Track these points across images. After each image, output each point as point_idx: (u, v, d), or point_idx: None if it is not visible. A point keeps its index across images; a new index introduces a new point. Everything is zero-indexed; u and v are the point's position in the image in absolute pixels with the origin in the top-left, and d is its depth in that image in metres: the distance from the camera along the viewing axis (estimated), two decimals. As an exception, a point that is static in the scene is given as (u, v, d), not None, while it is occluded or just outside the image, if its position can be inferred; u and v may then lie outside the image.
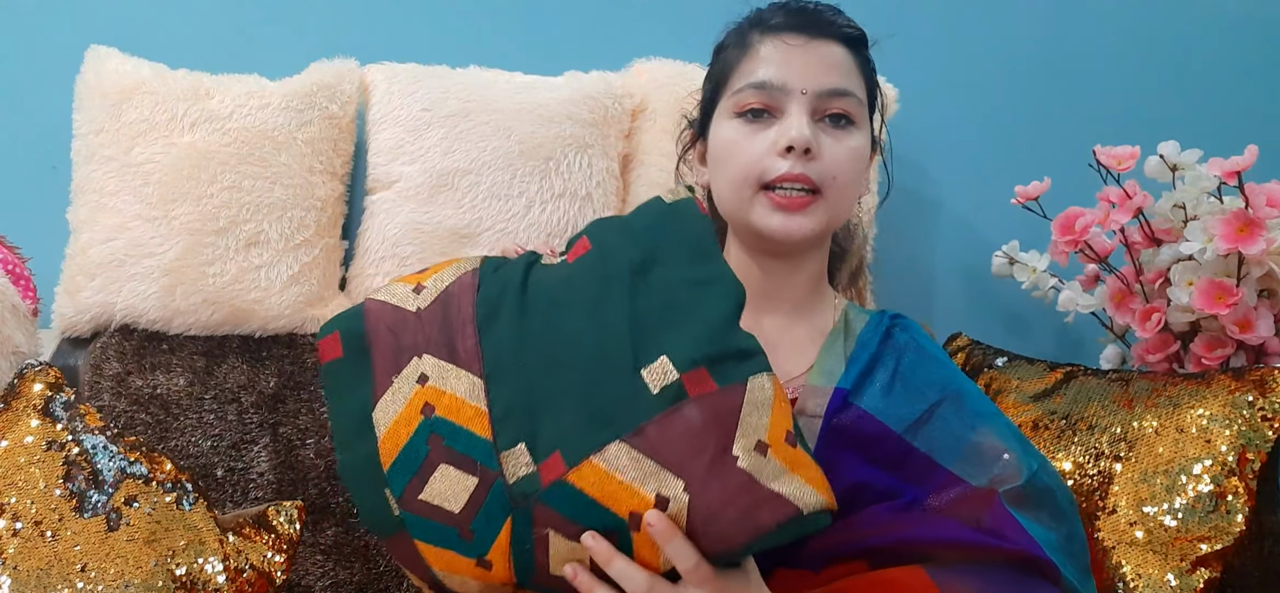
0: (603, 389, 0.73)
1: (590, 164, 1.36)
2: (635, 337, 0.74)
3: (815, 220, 0.90)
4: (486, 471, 0.74)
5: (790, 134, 0.88)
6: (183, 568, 0.96)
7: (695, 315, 0.74)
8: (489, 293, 0.80)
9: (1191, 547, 1.05)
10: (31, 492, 0.95)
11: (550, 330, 0.77)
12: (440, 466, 0.74)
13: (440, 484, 0.74)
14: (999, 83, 1.57)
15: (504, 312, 0.79)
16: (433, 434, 0.75)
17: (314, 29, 1.50)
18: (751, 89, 0.91)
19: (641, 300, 0.76)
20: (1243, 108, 1.57)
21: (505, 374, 0.76)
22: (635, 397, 0.72)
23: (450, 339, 0.78)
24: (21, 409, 0.99)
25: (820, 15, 0.93)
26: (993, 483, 0.82)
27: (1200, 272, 1.20)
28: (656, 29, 1.54)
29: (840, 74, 0.91)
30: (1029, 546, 0.79)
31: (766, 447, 0.71)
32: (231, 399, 1.27)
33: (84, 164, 1.29)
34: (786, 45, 0.91)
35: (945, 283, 1.59)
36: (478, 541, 0.74)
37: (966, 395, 0.89)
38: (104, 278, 1.26)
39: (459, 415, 0.75)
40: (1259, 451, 1.07)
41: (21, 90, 1.46)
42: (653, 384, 0.72)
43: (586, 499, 0.72)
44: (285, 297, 1.29)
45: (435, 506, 0.74)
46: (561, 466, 0.72)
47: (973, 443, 0.85)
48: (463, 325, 0.79)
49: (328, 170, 1.34)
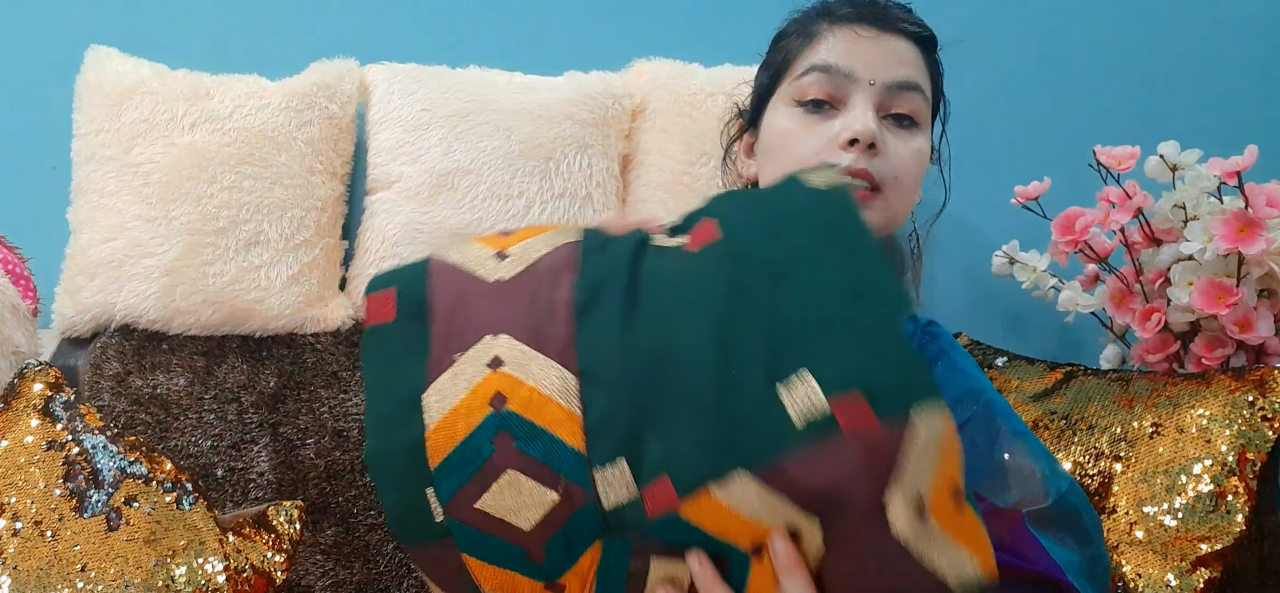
0: (729, 408, 0.59)
1: (590, 164, 1.35)
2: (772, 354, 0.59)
3: (874, 216, 0.84)
4: (573, 488, 0.61)
5: (855, 126, 0.82)
6: (183, 568, 0.96)
7: (852, 329, 0.60)
8: (591, 275, 0.66)
9: (1191, 547, 1.05)
10: (31, 492, 0.94)
11: (665, 331, 0.63)
12: (508, 471, 0.61)
13: (507, 494, 0.61)
14: (999, 83, 1.57)
15: (608, 300, 0.64)
16: (502, 432, 0.61)
17: (314, 29, 1.50)
18: (816, 72, 0.85)
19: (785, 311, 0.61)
20: (1243, 108, 1.57)
21: (605, 375, 0.62)
22: (770, 421, 0.57)
23: (537, 322, 0.64)
24: (21, 409, 0.99)
25: (891, 9, 0.89)
26: (1019, 503, 0.80)
27: (1200, 272, 1.20)
28: (656, 29, 1.54)
29: (910, 68, 0.87)
30: (1049, 567, 0.77)
31: (926, 507, 0.58)
32: (231, 399, 1.27)
33: (84, 164, 1.29)
34: (856, 34, 0.86)
35: (945, 283, 1.59)
36: (550, 564, 0.62)
37: (996, 412, 0.85)
38: (104, 278, 1.26)
39: (541, 415, 0.61)
40: (1259, 451, 1.07)
41: (21, 90, 1.46)
42: (793, 408, 0.57)
43: (701, 534, 0.60)
44: (285, 297, 1.29)
45: (497, 518, 0.61)
46: (672, 494, 0.59)
47: (1001, 462, 0.82)
48: (556, 308, 0.64)
49: (328, 170, 1.34)
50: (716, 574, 0.61)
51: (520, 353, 0.63)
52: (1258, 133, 1.26)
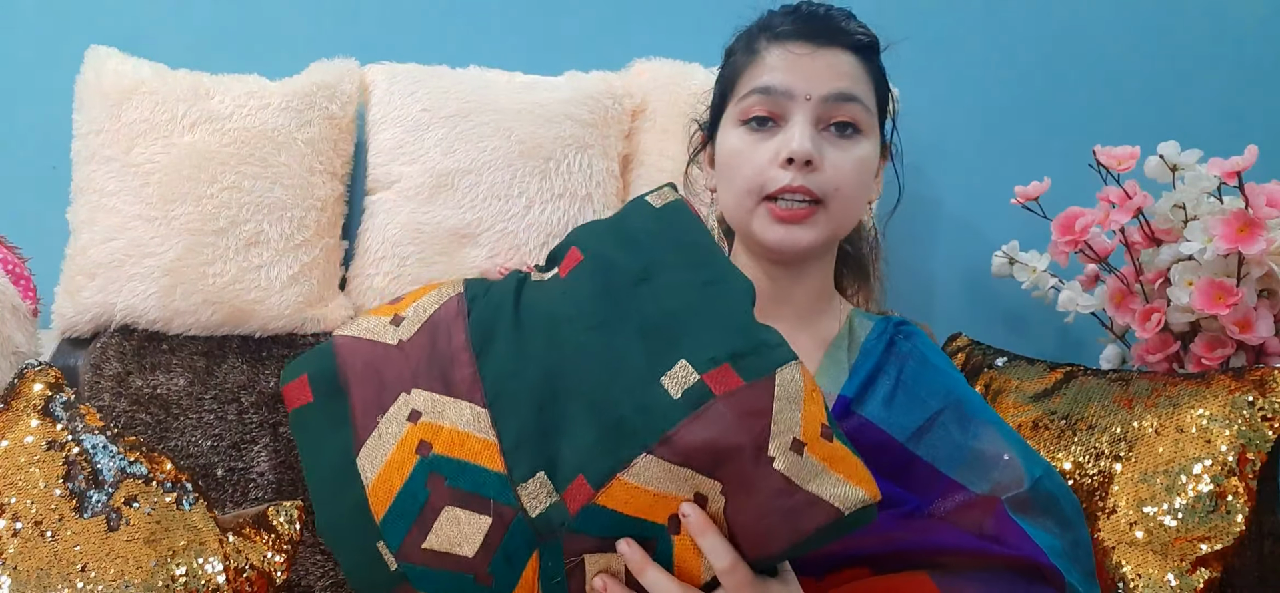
0: (620, 403, 0.68)
1: (590, 164, 1.35)
2: (649, 346, 0.69)
3: (817, 232, 0.89)
4: (502, 507, 0.68)
5: (791, 145, 0.87)
6: (183, 568, 0.96)
7: (709, 315, 0.70)
8: (481, 317, 0.75)
9: (1191, 547, 1.05)
10: (31, 492, 0.94)
11: (554, 349, 0.71)
12: (445, 508, 0.68)
13: (447, 529, 0.68)
14: (999, 83, 1.57)
15: (500, 335, 0.73)
16: (432, 474, 0.68)
17: (314, 29, 1.50)
18: (756, 94, 0.90)
19: (649, 308, 0.71)
20: (1243, 108, 1.57)
21: (511, 401, 0.70)
22: (656, 405, 0.67)
23: (443, 370, 0.72)
24: (21, 409, 0.99)
25: (829, 21, 0.92)
26: (995, 490, 0.82)
27: (1200, 272, 1.20)
28: (656, 29, 1.54)
29: (846, 80, 0.90)
30: (1032, 551, 0.79)
31: (803, 445, 0.67)
32: (231, 399, 1.27)
33: (84, 164, 1.29)
34: (792, 53, 0.90)
35: (945, 283, 1.59)
36: (499, 582, 0.68)
37: (967, 403, 0.88)
38: (104, 278, 1.26)
39: (463, 450, 0.69)
40: (1259, 451, 1.07)
41: (21, 90, 1.46)
42: (673, 389, 0.67)
43: (620, 517, 0.68)
44: (285, 297, 1.29)
45: (443, 552, 0.68)
46: (588, 489, 0.67)
47: (974, 450, 0.84)
48: (456, 353, 0.73)
49: (328, 170, 1.34)
50: (645, 554, 0.68)
51: (433, 401, 0.71)
52: (1258, 133, 1.26)
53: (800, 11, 0.94)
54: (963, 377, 0.94)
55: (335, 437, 0.72)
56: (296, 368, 0.75)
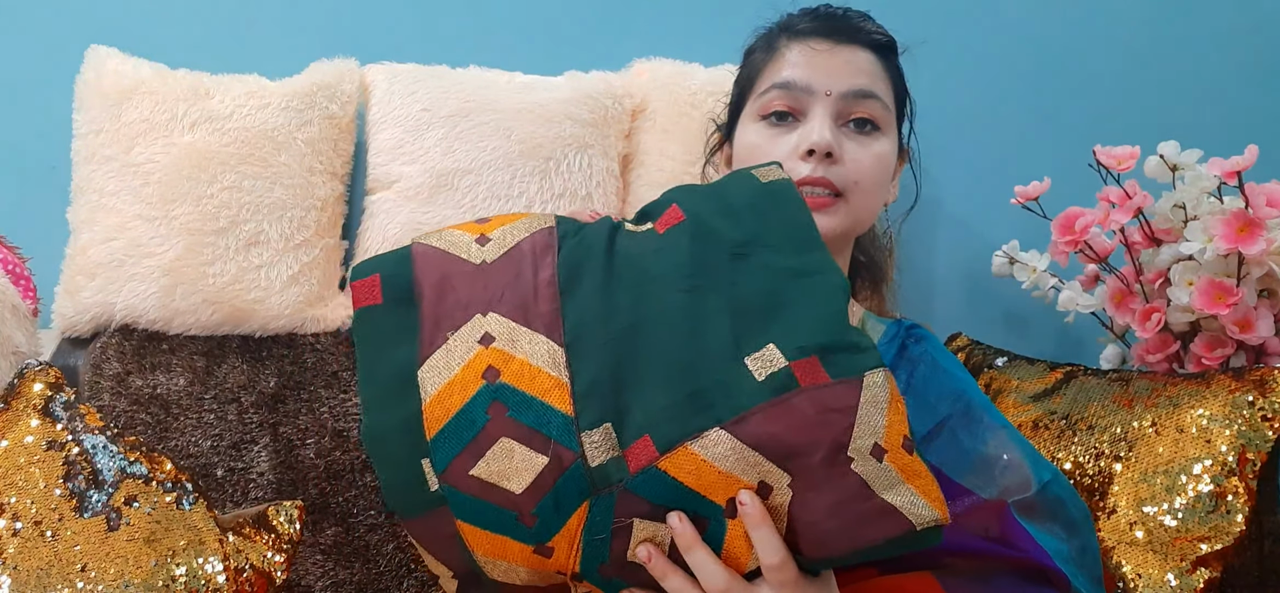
0: (700, 373, 0.66)
1: (590, 164, 1.35)
2: (737, 323, 0.67)
3: (837, 221, 0.90)
4: (562, 449, 0.65)
5: (812, 137, 0.88)
6: (183, 568, 0.96)
7: (803, 304, 0.68)
8: (570, 255, 0.72)
9: (1191, 547, 1.05)
10: (31, 492, 0.95)
11: (641, 304, 0.69)
12: (501, 439, 0.66)
13: (499, 461, 0.65)
14: (999, 83, 1.57)
15: (588, 278, 0.71)
16: (495, 402, 0.66)
17: (314, 29, 1.50)
18: (776, 89, 0.91)
19: (744, 285, 0.69)
20: (1243, 108, 1.57)
21: (590, 345, 0.68)
22: (737, 383, 0.65)
23: (525, 301, 0.70)
24: (21, 409, 0.99)
25: (848, 21, 0.94)
26: (1002, 494, 0.82)
27: (1200, 272, 1.20)
28: (656, 29, 1.54)
29: (866, 77, 0.91)
30: (1038, 555, 0.79)
31: (883, 451, 0.64)
32: (231, 399, 1.27)
33: (84, 164, 1.29)
34: (812, 50, 0.91)
35: (945, 283, 1.59)
36: (540, 526, 0.66)
37: (976, 408, 0.88)
38: (104, 278, 1.26)
39: (532, 385, 0.67)
40: (1259, 451, 1.07)
41: (21, 90, 1.46)
42: (758, 372, 0.65)
43: (681, 488, 0.66)
44: (285, 297, 1.29)
45: (491, 484, 0.66)
46: (652, 451, 0.65)
47: (982, 455, 0.85)
48: (541, 287, 0.70)
49: (328, 170, 1.34)
50: (695, 532, 0.66)
51: (509, 329, 0.68)
52: (1258, 133, 1.26)
53: (820, 11, 0.95)
54: (972, 378, 0.94)
55: (398, 345, 0.69)
56: (370, 266, 0.72)
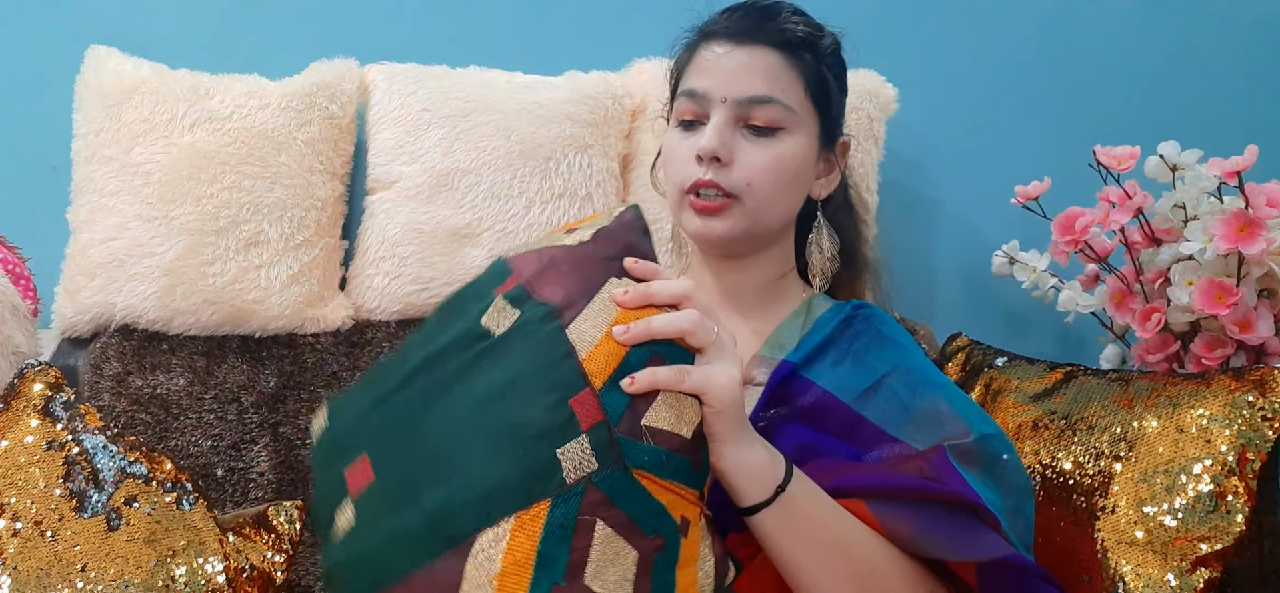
0: None
1: (590, 164, 1.36)
2: None
3: (731, 223, 0.92)
4: None
5: (700, 144, 0.91)
6: (183, 568, 0.96)
7: None
8: None
9: (1191, 547, 1.04)
10: (31, 492, 0.95)
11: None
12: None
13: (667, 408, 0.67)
14: (999, 83, 1.57)
15: None
16: (655, 354, 0.68)
17: (314, 29, 1.50)
18: (683, 97, 0.95)
19: None
20: (1243, 108, 1.57)
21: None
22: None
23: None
24: (21, 409, 0.99)
25: (754, 19, 0.94)
26: (940, 442, 0.84)
27: (1200, 272, 1.20)
28: (656, 29, 1.52)
29: (762, 81, 0.91)
30: (964, 489, 0.80)
31: None
32: (231, 399, 1.27)
33: (84, 164, 1.29)
34: (715, 54, 0.93)
35: (945, 283, 1.59)
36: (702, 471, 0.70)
37: (915, 371, 0.90)
38: (104, 278, 1.26)
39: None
40: (1259, 451, 1.07)
41: (21, 90, 1.46)
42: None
43: None
44: (285, 297, 1.29)
45: (664, 430, 0.67)
46: None
47: (920, 409, 0.87)
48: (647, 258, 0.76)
49: (328, 170, 1.34)
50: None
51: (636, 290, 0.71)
52: (1258, 133, 1.26)
53: (733, 9, 0.97)
54: (920, 350, 0.96)
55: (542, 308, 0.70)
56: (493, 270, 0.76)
